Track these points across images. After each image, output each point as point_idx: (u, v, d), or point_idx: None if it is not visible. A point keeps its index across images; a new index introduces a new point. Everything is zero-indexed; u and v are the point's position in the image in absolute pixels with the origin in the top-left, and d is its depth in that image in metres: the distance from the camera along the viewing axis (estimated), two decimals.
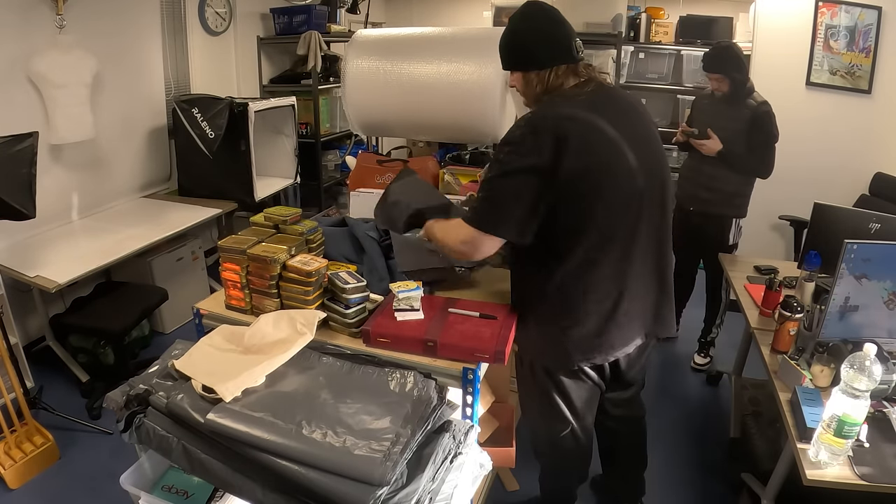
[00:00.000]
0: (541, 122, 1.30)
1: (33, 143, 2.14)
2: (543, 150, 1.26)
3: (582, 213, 1.32)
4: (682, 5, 5.09)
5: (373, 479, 1.01)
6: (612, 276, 1.38)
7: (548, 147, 1.26)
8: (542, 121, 1.30)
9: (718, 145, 2.56)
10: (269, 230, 1.59)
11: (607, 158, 1.31)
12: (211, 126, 3.14)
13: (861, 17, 2.95)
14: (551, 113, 1.32)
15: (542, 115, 1.33)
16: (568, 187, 1.28)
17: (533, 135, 1.28)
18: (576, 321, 1.41)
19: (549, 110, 1.33)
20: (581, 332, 1.42)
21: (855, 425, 1.32)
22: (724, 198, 2.66)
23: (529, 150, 1.28)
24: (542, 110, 1.35)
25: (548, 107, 1.35)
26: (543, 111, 1.34)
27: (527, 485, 2.18)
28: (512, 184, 1.30)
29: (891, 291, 1.63)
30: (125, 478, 1.34)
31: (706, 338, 2.96)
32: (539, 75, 1.38)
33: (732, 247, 2.76)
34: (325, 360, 1.33)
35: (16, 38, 2.59)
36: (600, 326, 1.42)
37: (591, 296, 1.39)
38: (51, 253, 2.61)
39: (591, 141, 1.29)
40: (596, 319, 1.41)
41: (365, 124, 2.40)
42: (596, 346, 1.44)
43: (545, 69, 1.37)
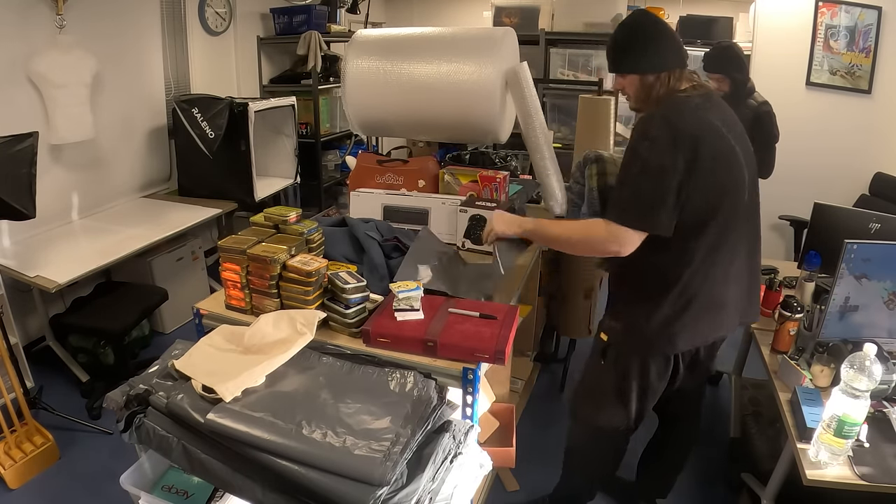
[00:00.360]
0: (678, 120, 1.35)
1: (33, 143, 2.14)
2: (682, 146, 1.32)
3: (707, 210, 1.38)
4: (682, 5, 5.08)
5: (373, 479, 1.01)
6: (722, 268, 1.47)
7: (686, 144, 1.32)
8: (679, 119, 1.35)
9: None
10: (269, 230, 1.59)
11: (729, 159, 1.40)
12: (211, 126, 3.14)
13: (861, 17, 2.95)
14: (685, 112, 1.37)
15: (677, 113, 1.36)
16: (700, 184, 1.34)
17: (672, 131, 1.33)
18: (686, 309, 1.46)
19: (681, 109, 1.37)
20: (689, 320, 1.48)
21: (855, 425, 1.32)
22: None
23: (670, 145, 1.32)
24: (672, 110, 1.38)
25: (676, 107, 1.39)
26: (676, 110, 1.37)
27: (527, 485, 2.18)
28: (655, 178, 1.34)
29: (891, 291, 1.63)
30: (125, 478, 1.34)
31: None
32: (660, 78, 1.43)
33: None
34: (325, 360, 1.33)
35: (16, 38, 2.59)
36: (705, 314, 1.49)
37: (704, 285, 1.45)
38: (51, 253, 2.61)
39: (717, 142, 1.37)
40: (705, 308, 1.48)
41: (365, 124, 2.40)
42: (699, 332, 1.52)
43: (664, 72, 1.43)
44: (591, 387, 1.71)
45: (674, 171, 1.33)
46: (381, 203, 2.06)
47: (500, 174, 2.14)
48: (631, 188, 1.38)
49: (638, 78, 1.46)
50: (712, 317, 1.51)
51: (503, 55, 2.11)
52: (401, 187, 2.23)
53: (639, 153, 1.37)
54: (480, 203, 1.93)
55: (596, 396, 1.69)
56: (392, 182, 2.26)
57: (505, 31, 2.20)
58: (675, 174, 1.33)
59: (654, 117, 1.37)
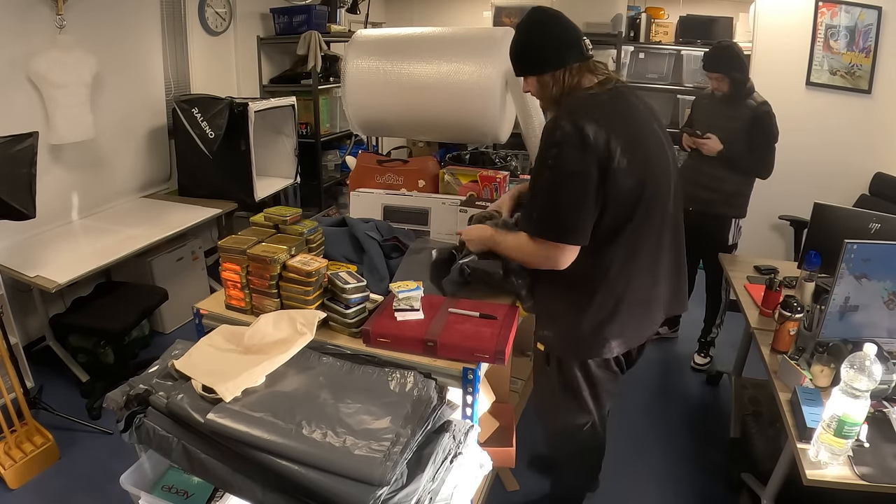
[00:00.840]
0: (584, 119, 1.28)
1: (33, 143, 2.14)
2: (593, 148, 1.27)
3: (624, 211, 1.35)
4: (682, 5, 5.08)
5: (373, 479, 1.01)
6: (646, 267, 1.45)
7: (597, 145, 1.27)
8: (585, 118, 1.29)
9: (718, 145, 2.57)
10: (269, 230, 1.59)
11: (642, 156, 1.35)
12: (211, 126, 3.14)
13: (861, 17, 2.95)
14: (591, 109, 1.32)
15: (582, 112, 1.31)
16: (614, 186, 1.30)
17: (579, 133, 1.27)
18: (615, 312, 1.44)
19: (584, 110, 1.32)
20: (621, 322, 1.46)
21: (855, 425, 1.32)
22: (723, 198, 2.66)
23: (577, 149, 1.27)
24: (576, 110, 1.32)
25: (580, 106, 1.34)
26: (579, 111, 1.32)
27: (527, 485, 2.18)
28: (569, 187, 1.30)
29: (891, 291, 1.63)
30: (125, 478, 1.34)
31: (706, 338, 2.97)
32: (554, 76, 1.40)
33: (732, 247, 2.76)
34: (325, 360, 1.33)
35: (16, 38, 2.59)
36: (636, 314, 1.48)
37: (629, 287, 1.43)
38: (51, 253, 2.61)
39: (628, 141, 1.31)
40: (633, 309, 1.46)
41: (365, 124, 2.40)
42: (631, 333, 1.50)
43: (559, 70, 1.39)
44: (546, 394, 1.69)
45: (587, 176, 1.28)
46: (381, 203, 2.06)
47: (500, 174, 2.14)
48: (543, 201, 1.34)
49: (535, 79, 1.43)
50: (642, 318, 1.50)
51: (503, 55, 2.10)
52: (401, 187, 2.23)
53: (546, 162, 1.32)
54: (480, 203, 1.93)
55: (553, 402, 1.66)
56: (392, 182, 2.26)
57: (505, 31, 2.20)
58: (590, 179, 1.28)
59: (558, 120, 1.31)
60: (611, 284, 1.42)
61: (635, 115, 1.40)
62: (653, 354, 2.90)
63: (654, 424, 2.54)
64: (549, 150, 1.31)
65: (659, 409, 2.64)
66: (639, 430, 2.48)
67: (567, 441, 1.77)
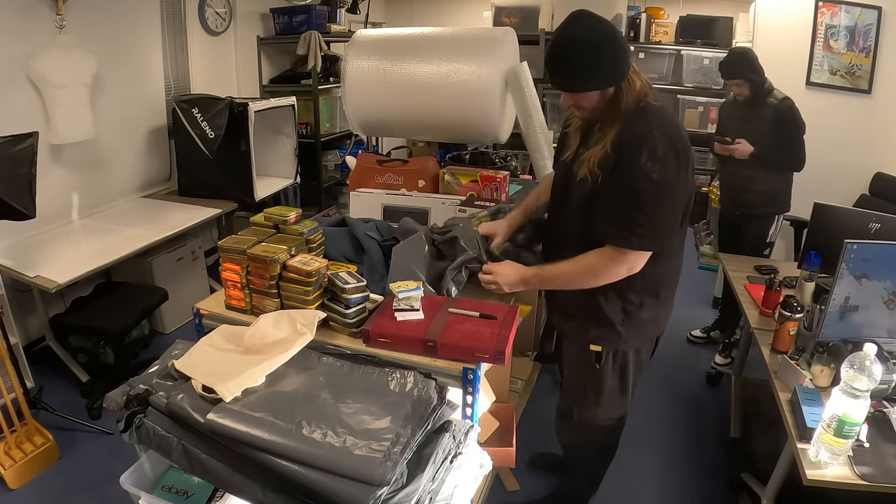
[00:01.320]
0: (673, 133, 1.33)
1: (33, 143, 2.14)
2: (684, 161, 1.34)
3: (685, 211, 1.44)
4: (682, 5, 5.09)
5: (373, 479, 1.01)
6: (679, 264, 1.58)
7: (686, 158, 1.34)
8: (674, 132, 1.33)
9: (749, 148, 2.62)
10: (269, 230, 1.59)
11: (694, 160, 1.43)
12: (211, 126, 3.14)
13: (861, 17, 2.94)
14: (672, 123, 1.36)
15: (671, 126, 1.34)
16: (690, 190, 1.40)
17: (674, 148, 1.32)
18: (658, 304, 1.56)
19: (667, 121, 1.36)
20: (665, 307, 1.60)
21: (855, 425, 1.32)
22: (765, 198, 2.71)
23: (677, 163, 1.32)
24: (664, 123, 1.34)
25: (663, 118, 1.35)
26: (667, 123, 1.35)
27: (527, 485, 2.18)
28: (670, 200, 1.36)
29: (891, 291, 1.63)
30: (125, 478, 1.34)
31: (730, 338, 2.96)
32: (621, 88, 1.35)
33: (770, 244, 2.81)
34: (325, 360, 1.33)
35: (16, 38, 2.59)
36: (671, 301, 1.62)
37: (668, 281, 1.56)
38: (51, 253, 2.61)
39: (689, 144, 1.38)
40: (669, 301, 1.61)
41: (365, 124, 2.40)
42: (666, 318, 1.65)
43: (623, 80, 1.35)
44: (590, 392, 1.70)
45: (684, 188, 1.36)
46: (381, 203, 2.06)
47: (500, 174, 2.14)
48: (648, 214, 1.34)
49: (599, 93, 1.36)
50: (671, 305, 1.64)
51: (503, 55, 2.11)
52: (401, 187, 2.23)
53: (649, 176, 1.30)
54: (480, 203, 1.92)
55: (596, 399, 1.69)
56: (392, 182, 2.26)
57: (505, 31, 2.21)
58: (684, 189, 1.36)
59: (652, 134, 1.30)
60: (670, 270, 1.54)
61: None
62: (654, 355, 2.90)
63: (654, 424, 2.54)
64: (648, 163, 1.30)
65: (659, 409, 2.64)
66: (639, 429, 2.47)
67: (598, 437, 1.81)
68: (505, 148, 3.02)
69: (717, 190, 4.34)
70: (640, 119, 1.34)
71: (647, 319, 1.56)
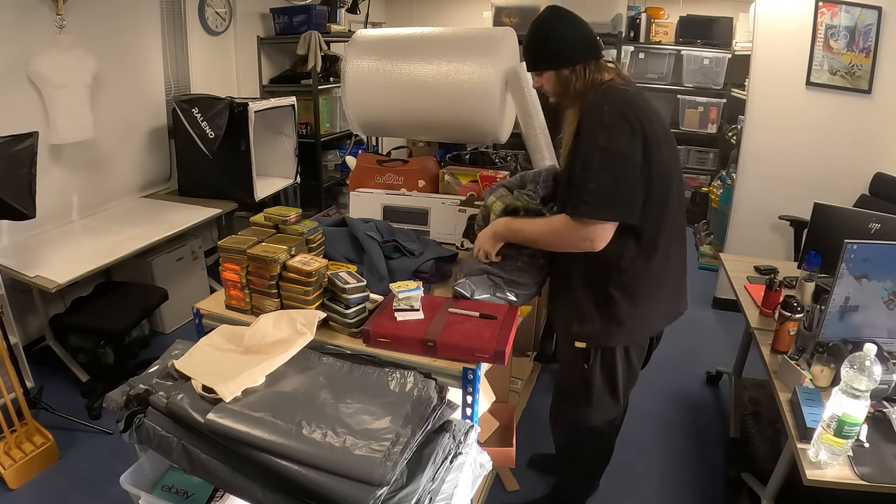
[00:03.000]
0: (625, 108, 1.35)
1: (33, 143, 2.14)
2: (637, 132, 1.34)
3: (661, 196, 1.42)
4: (682, 5, 5.09)
5: (373, 479, 1.01)
6: (677, 255, 1.56)
7: (639, 131, 1.34)
8: (626, 107, 1.35)
9: None
10: (269, 230, 1.59)
11: (669, 150, 1.43)
12: (211, 126, 3.14)
13: (861, 17, 2.94)
14: (628, 100, 1.38)
15: (623, 102, 1.37)
16: (652, 173, 1.37)
17: (625, 119, 1.33)
18: (641, 302, 1.52)
19: (623, 98, 1.38)
20: (660, 305, 1.57)
21: (855, 425, 1.32)
22: None
23: (627, 132, 1.33)
24: (615, 98, 1.38)
25: (618, 96, 1.39)
26: (619, 99, 1.38)
27: (527, 485, 2.18)
28: (620, 167, 1.35)
29: (891, 291, 1.63)
30: (125, 478, 1.34)
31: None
32: (574, 71, 1.44)
33: None
34: (325, 360, 1.32)
35: (16, 38, 2.59)
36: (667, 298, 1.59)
37: (650, 279, 1.51)
38: (51, 253, 2.61)
39: (659, 127, 1.39)
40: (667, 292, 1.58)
41: (365, 124, 2.40)
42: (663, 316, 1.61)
43: (580, 64, 1.43)
44: (580, 392, 1.69)
45: (635, 157, 1.35)
46: (381, 203, 2.06)
47: (500, 174, 2.14)
48: (596, 181, 1.35)
49: (554, 74, 1.47)
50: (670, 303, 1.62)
51: (503, 55, 2.11)
52: (401, 187, 2.23)
53: (597, 144, 1.35)
54: (479, 203, 1.92)
55: (587, 399, 1.68)
56: (392, 182, 2.26)
57: (505, 31, 2.21)
58: (637, 160, 1.35)
59: (602, 106, 1.36)
60: (655, 266, 1.50)
61: (657, 113, 1.45)
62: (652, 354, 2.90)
63: (654, 424, 2.54)
64: (597, 132, 1.35)
65: (659, 409, 2.64)
66: (639, 429, 2.48)
67: (591, 439, 1.79)
68: (505, 148, 3.01)
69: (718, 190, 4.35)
70: (597, 96, 1.40)
71: (628, 316, 1.53)
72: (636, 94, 1.44)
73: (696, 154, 5.28)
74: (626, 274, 1.49)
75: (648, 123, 1.36)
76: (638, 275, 1.49)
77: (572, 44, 1.44)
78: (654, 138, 1.37)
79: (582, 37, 1.45)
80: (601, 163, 1.35)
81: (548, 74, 1.49)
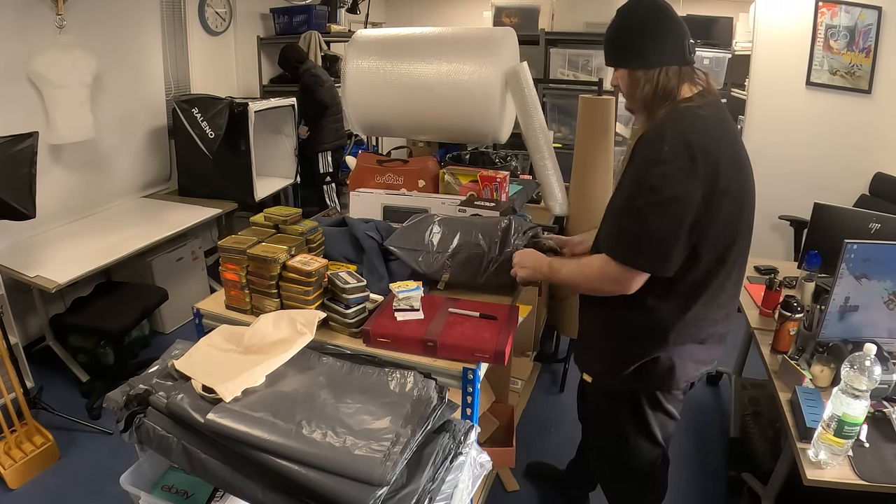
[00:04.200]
0: (695, 137, 1.16)
1: (33, 143, 2.14)
2: (701, 172, 1.14)
3: (722, 247, 1.24)
4: (682, 5, 5.07)
5: (373, 479, 1.01)
6: (726, 299, 1.35)
7: (706, 170, 1.14)
8: (696, 137, 1.16)
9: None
10: (269, 230, 1.59)
11: (743, 186, 1.25)
12: (211, 126, 3.14)
13: (861, 17, 2.94)
14: (699, 128, 1.19)
15: (692, 129, 1.18)
16: (719, 218, 1.19)
17: (689, 153, 1.14)
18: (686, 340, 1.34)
19: (695, 124, 1.19)
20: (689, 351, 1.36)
21: (855, 425, 1.32)
22: None
23: (686, 171, 1.14)
24: (684, 126, 1.19)
25: (688, 122, 1.20)
26: (687, 127, 1.19)
27: (527, 485, 2.18)
28: (669, 213, 1.16)
29: (891, 291, 1.63)
30: (125, 478, 1.34)
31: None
32: (647, 74, 1.25)
33: None
34: (325, 360, 1.32)
35: (16, 38, 2.59)
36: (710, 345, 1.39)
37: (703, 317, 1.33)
38: (51, 253, 2.61)
39: (737, 165, 1.22)
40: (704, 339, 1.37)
41: (365, 124, 2.40)
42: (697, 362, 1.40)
43: (653, 68, 1.24)
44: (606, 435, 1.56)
45: (691, 202, 1.15)
46: (381, 203, 2.06)
47: (500, 174, 2.14)
48: (636, 222, 1.19)
49: (626, 73, 1.29)
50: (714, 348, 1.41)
51: (503, 55, 2.11)
52: (401, 187, 2.23)
53: (647, 178, 1.17)
54: (479, 203, 1.92)
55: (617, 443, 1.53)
56: (392, 182, 2.26)
57: (505, 31, 2.20)
58: (692, 206, 1.15)
59: (665, 133, 1.17)
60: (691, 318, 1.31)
61: (735, 135, 1.28)
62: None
63: None
64: (653, 167, 1.17)
65: None
66: None
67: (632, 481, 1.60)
68: (505, 148, 3.02)
69: None
70: (665, 117, 1.23)
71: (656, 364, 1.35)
72: (716, 120, 1.22)
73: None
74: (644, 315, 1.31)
75: (720, 162, 1.16)
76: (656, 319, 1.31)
77: (652, 40, 1.23)
78: (723, 186, 1.16)
79: (664, 33, 1.23)
80: (647, 203, 1.17)
81: (621, 72, 1.30)
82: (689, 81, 1.26)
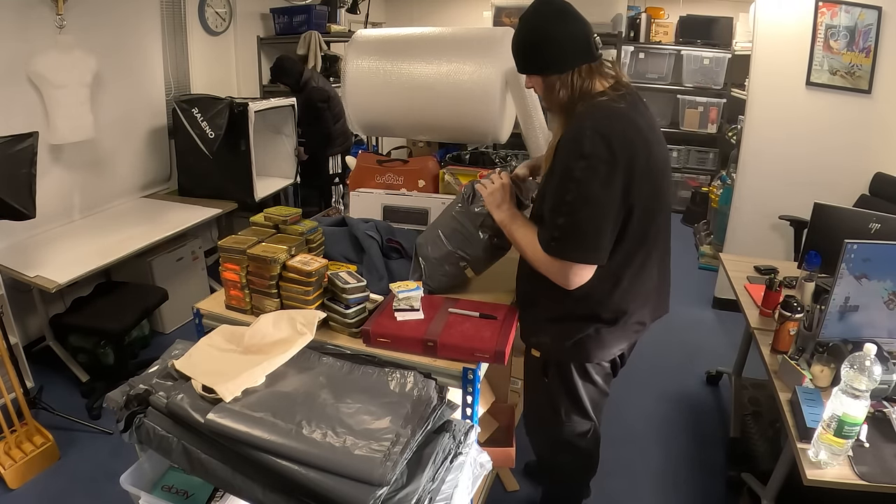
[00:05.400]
0: (610, 132, 1.21)
1: (33, 143, 2.14)
2: (620, 165, 1.21)
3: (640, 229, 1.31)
4: (682, 5, 5.09)
5: (373, 479, 1.01)
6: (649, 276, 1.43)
7: (623, 162, 1.21)
8: (612, 132, 1.22)
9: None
10: (269, 230, 1.59)
11: (662, 170, 1.34)
12: (211, 126, 3.14)
13: (861, 17, 2.94)
14: (615, 122, 1.24)
15: (607, 125, 1.23)
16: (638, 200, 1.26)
17: (607, 147, 1.20)
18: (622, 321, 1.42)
19: (610, 119, 1.25)
20: (624, 329, 1.44)
21: (855, 425, 1.32)
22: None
23: (607, 164, 1.20)
24: (600, 120, 1.24)
25: (603, 116, 1.25)
26: (603, 121, 1.24)
27: (527, 485, 2.18)
28: (598, 204, 1.23)
29: (891, 291, 1.63)
30: (125, 478, 1.34)
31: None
32: (561, 79, 1.29)
33: None
34: (325, 360, 1.32)
35: (16, 38, 2.59)
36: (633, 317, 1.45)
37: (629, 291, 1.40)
38: (51, 253, 2.61)
39: (649, 154, 1.27)
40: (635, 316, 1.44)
41: (365, 124, 2.40)
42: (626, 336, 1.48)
43: (566, 72, 1.28)
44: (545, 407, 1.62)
45: (614, 192, 1.23)
46: (381, 203, 2.06)
47: None
48: (566, 217, 1.25)
49: (540, 80, 1.33)
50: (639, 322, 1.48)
51: (503, 55, 2.11)
52: (401, 187, 2.23)
53: (572, 174, 1.22)
54: None
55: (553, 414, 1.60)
56: (392, 182, 2.26)
57: (505, 31, 2.20)
58: (616, 196, 1.23)
59: (584, 130, 1.22)
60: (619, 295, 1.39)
61: (651, 123, 1.33)
62: (652, 354, 2.90)
63: (654, 424, 2.54)
64: (574, 160, 1.22)
65: (659, 409, 2.64)
66: (638, 430, 2.48)
67: (567, 451, 1.69)
68: (505, 148, 3.01)
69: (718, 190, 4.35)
70: (582, 113, 1.27)
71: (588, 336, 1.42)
72: (630, 110, 1.28)
73: (696, 154, 5.29)
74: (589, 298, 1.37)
75: (636, 149, 1.23)
76: (589, 294, 1.36)
77: (558, 46, 1.27)
78: (640, 171, 1.24)
79: (569, 38, 1.27)
80: (575, 198, 1.23)
81: (535, 79, 1.34)
82: (599, 75, 1.31)
